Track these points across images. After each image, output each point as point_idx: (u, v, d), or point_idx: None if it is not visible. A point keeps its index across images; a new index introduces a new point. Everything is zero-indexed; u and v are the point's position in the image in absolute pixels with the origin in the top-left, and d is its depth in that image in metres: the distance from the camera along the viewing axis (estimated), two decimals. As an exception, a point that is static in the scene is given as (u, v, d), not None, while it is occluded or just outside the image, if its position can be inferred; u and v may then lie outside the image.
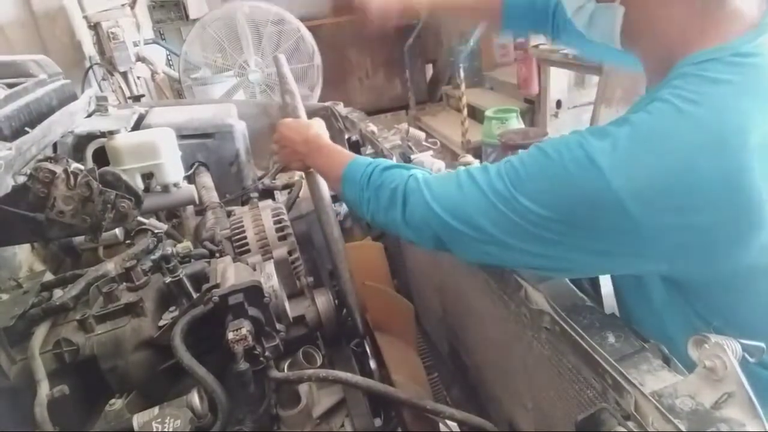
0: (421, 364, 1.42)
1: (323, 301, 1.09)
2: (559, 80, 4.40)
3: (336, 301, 1.13)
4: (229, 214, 1.39)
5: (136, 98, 3.06)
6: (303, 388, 0.94)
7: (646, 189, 0.65)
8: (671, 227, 0.66)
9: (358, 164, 0.99)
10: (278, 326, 0.89)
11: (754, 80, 0.68)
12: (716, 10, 0.71)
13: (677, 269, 0.73)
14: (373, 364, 1.16)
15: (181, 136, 1.56)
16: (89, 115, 1.51)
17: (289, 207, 1.50)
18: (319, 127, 1.19)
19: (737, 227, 0.67)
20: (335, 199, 1.33)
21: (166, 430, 0.74)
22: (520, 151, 0.81)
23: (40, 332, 0.86)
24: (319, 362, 1.01)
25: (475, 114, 5.41)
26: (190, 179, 1.59)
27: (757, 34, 0.69)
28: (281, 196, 1.70)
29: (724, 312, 0.76)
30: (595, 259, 0.73)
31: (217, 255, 1.12)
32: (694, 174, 0.64)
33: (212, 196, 1.52)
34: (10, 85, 1.21)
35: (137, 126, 1.57)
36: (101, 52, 3.24)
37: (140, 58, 3.50)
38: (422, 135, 1.49)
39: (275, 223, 1.16)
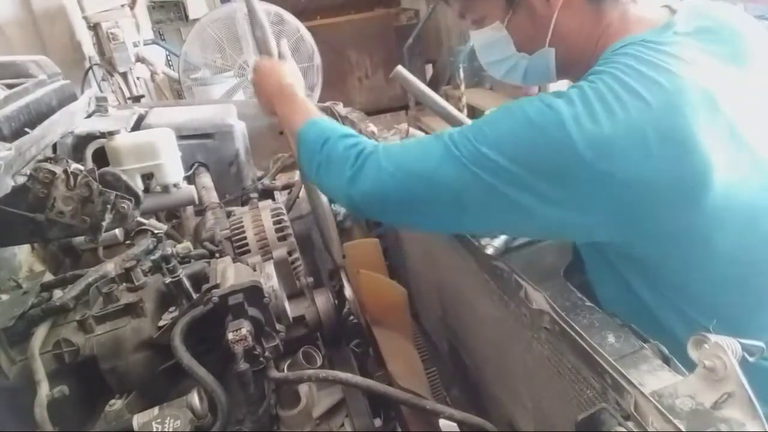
0: (417, 354, 1.42)
1: (323, 301, 1.09)
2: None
3: (336, 301, 1.13)
4: (228, 214, 1.39)
5: (136, 99, 3.06)
6: (303, 389, 0.94)
7: (599, 137, 0.68)
8: (621, 180, 0.69)
9: (316, 126, 0.97)
10: (278, 326, 0.89)
11: (677, 50, 0.74)
12: (624, 15, 0.82)
13: (629, 235, 0.76)
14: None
15: (181, 137, 1.56)
16: (89, 116, 1.51)
17: (289, 207, 1.50)
18: (293, 74, 1.17)
19: (682, 185, 0.70)
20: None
21: (166, 430, 0.74)
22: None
23: (40, 333, 0.86)
24: (319, 362, 1.01)
25: (475, 114, 5.41)
26: (190, 179, 1.59)
27: (663, 30, 0.78)
28: (281, 197, 1.70)
29: (689, 294, 0.80)
30: (550, 211, 0.74)
31: (217, 255, 1.12)
32: (640, 130, 0.68)
33: (212, 197, 1.52)
34: (10, 86, 1.21)
35: (137, 126, 1.57)
36: (101, 52, 3.24)
37: (140, 59, 3.50)
38: (422, 135, 1.49)
39: (275, 223, 1.16)
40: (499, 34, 0.88)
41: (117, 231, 1.34)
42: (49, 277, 1.08)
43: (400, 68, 1.28)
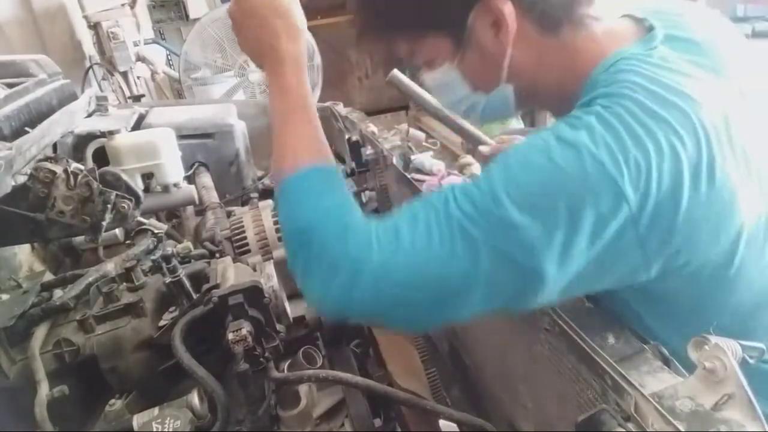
0: (417, 354, 1.42)
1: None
2: (559, 80, 4.40)
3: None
4: (229, 214, 1.39)
5: (136, 98, 3.06)
6: (303, 389, 0.94)
7: (634, 169, 0.62)
8: (664, 211, 0.64)
9: (306, 190, 0.75)
10: (278, 327, 0.89)
11: (678, 65, 0.70)
12: (592, 35, 0.75)
13: (663, 268, 0.69)
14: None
15: (181, 136, 1.56)
16: (89, 115, 1.51)
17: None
18: (297, 21, 0.89)
19: (714, 218, 0.67)
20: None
21: (166, 430, 0.74)
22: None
23: (40, 332, 0.86)
24: (319, 363, 1.01)
25: (475, 114, 5.40)
26: (190, 179, 1.59)
27: (649, 42, 0.73)
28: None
29: (700, 321, 0.70)
30: (595, 268, 0.66)
31: (217, 255, 1.12)
32: (676, 165, 0.63)
33: (212, 196, 1.52)
34: (10, 85, 1.20)
35: (137, 126, 1.57)
36: (101, 51, 3.24)
37: (140, 58, 3.50)
38: (422, 135, 1.49)
39: (275, 223, 1.16)
40: (451, 75, 0.81)
41: (117, 231, 1.34)
42: (49, 276, 1.08)
43: (395, 72, 1.25)
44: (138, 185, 1.31)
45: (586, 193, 0.62)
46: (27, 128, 1.03)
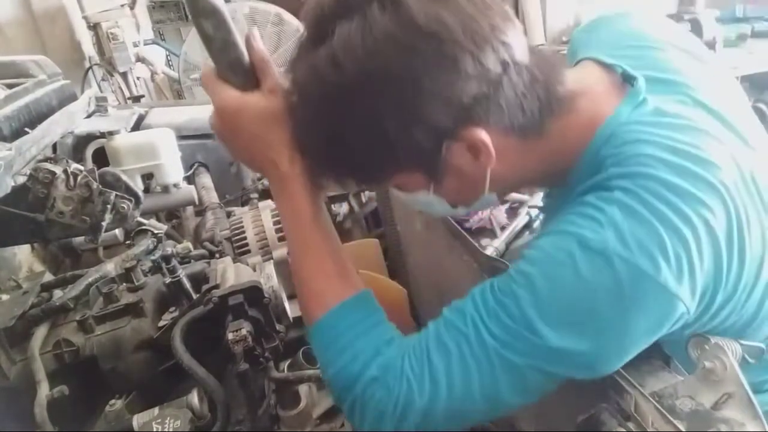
0: None
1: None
2: (558, 81, 4.39)
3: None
4: (228, 214, 1.39)
5: (136, 99, 3.06)
6: (303, 389, 0.94)
7: (675, 263, 0.58)
8: (710, 290, 0.62)
9: (336, 337, 0.72)
10: (278, 327, 0.89)
11: (679, 120, 0.66)
12: (576, 111, 0.69)
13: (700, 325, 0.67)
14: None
15: (181, 137, 1.56)
16: (89, 116, 1.51)
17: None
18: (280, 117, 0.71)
19: (744, 278, 0.64)
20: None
21: (166, 430, 0.74)
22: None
23: (40, 333, 0.86)
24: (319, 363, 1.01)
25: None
26: (190, 180, 1.59)
27: (633, 102, 0.68)
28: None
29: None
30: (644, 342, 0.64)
31: (217, 255, 1.12)
32: (705, 240, 0.60)
33: (212, 197, 1.52)
34: (10, 86, 1.21)
35: (137, 126, 1.57)
36: (101, 52, 3.24)
37: (140, 59, 3.50)
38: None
39: (275, 223, 1.16)
40: (428, 198, 0.72)
41: (117, 231, 1.34)
42: (49, 277, 1.08)
43: None
44: (138, 185, 1.31)
45: (629, 304, 0.58)
46: (27, 129, 1.03)
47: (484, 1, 0.61)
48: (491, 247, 1.00)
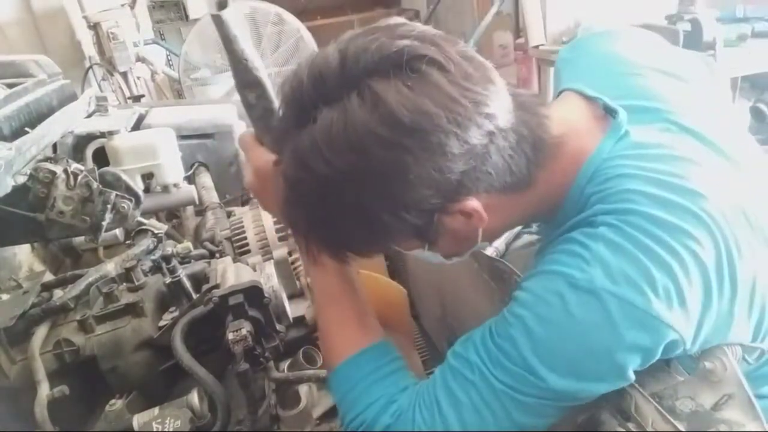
0: (417, 354, 1.41)
1: (323, 301, 1.09)
2: (558, 81, 4.39)
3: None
4: (229, 214, 1.39)
5: (136, 98, 3.06)
6: (303, 389, 0.94)
7: (664, 295, 0.59)
8: (702, 318, 0.61)
9: (353, 389, 0.74)
10: (278, 327, 0.89)
11: (661, 150, 0.67)
12: (561, 156, 0.69)
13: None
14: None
15: (181, 137, 1.56)
16: (89, 116, 1.51)
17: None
18: None
19: (743, 306, 0.64)
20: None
21: (166, 430, 0.74)
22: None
23: (40, 332, 0.86)
24: (319, 363, 1.01)
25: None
26: (190, 179, 1.59)
27: (615, 136, 0.68)
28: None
29: None
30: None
31: (217, 255, 1.13)
32: (693, 270, 0.60)
33: (212, 197, 1.52)
34: (10, 85, 1.21)
35: (137, 126, 1.57)
36: (101, 52, 3.24)
37: (140, 59, 3.50)
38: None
39: (275, 223, 1.16)
40: (421, 254, 0.74)
41: (117, 231, 1.34)
42: (49, 276, 1.08)
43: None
44: (138, 185, 1.31)
45: (622, 339, 0.59)
46: (27, 128, 1.03)
47: (465, 74, 0.59)
48: (491, 248, 1.00)
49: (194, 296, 0.91)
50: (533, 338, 0.62)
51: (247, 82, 0.71)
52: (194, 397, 0.79)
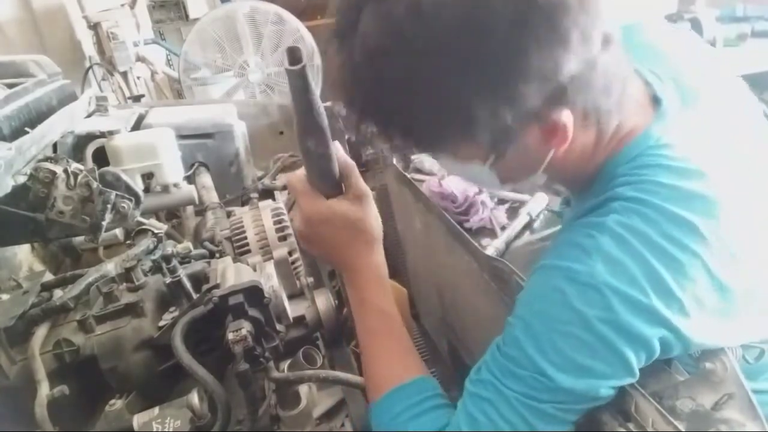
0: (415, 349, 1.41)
1: (323, 301, 1.09)
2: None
3: (336, 302, 1.13)
4: (229, 214, 1.39)
5: (136, 98, 3.06)
6: (303, 389, 0.94)
7: (663, 290, 0.59)
8: (704, 315, 0.61)
9: (392, 422, 0.73)
10: (278, 327, 0.88)
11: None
12: (611, 128, 0.68)
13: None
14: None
15: (181, 136, 1.56)
16: (89, 115, 1.51)
17: (290, 207, 1.50)
18: (370, 229, 0.80)
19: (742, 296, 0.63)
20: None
21: (166, 430, 0.74)
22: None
23: (40, 332, 0.86)
24: (319, 363, 1.01)
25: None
26: (190, 179, 1.59)
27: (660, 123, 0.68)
28: (281, 196, 1.70)
29: None
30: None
31: (217, 255, 1.12)
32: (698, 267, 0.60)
33: (212, 197, 1.52)
34: (10, 85, 1.21)
35: (137, 126, 1.57)
36: (101, 52, 3.24)
37: (140, 58, 3.50)
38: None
39: (275, 223, 1.15)
40: (478, 171, 0.70)
41: (117, 231, 1.34)
42: (49, 276, 1.08)
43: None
44: (138, 185, 1.31)
45: (625, 332, 0.59)
46: (27, 128, 1.03)
47: None
48: (491, 247, 1.00)
49: (194, 296, 0.91)
50: (536, 336, 0.62)
51: (309, 128, 0.70)
52: (194, 397, 0.79)
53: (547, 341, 0.61)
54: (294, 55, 0.64)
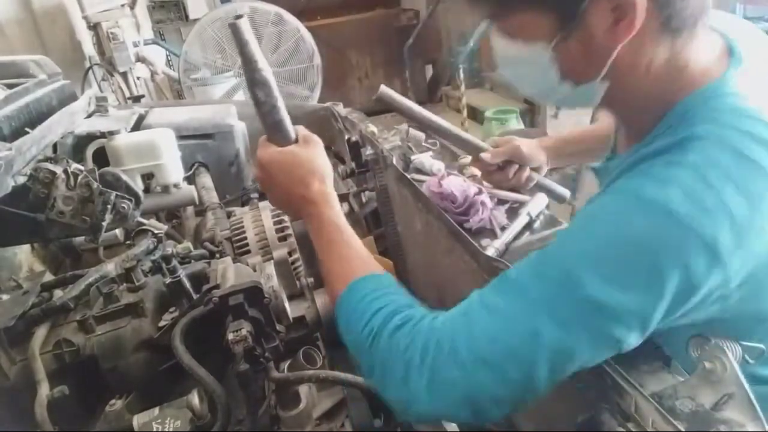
0: None
1: (323, 301, 1.09)
2: (558, 81, 4.39)
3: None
4: (229, 214, 1.39)
5: (136, 99, 3.06)
6: (303, 389, 0.94)
7: (729, 227, 0.57)
8: (757, 268, 0.60)
9: (357, 300, 0.74)
10: (278, 327, 0.89)
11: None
12: (701, 48, 0.68)
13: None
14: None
15: (181, 137, 1.56)
16: (89, 116, 1.51)
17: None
18: (317, 164, 0.85)
19: None
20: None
21: (166, 430, 0.74)
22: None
23: (41, 333, 0.86)
24: (319, 363, 1.01)
25: (475, 115, 5.41)
26: (190, 180, 1.59)
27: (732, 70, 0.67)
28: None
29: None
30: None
31: (217, 255, 1.12)
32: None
33: (212, 197, 1.52)
34: (10, 86, 1.21)
35: (137, 126, 1.57)
36: (101, 52, 3.24)
37: (140, 59, 3.51)
38: (422, 136, 1.49)
39: (275, 223, 1.16)
40: (540, 56, 0.68)
41: (117, 231, 1.34)
42: (49, 277, 1.08)
43: (383, 88, 1.14)
44: (138, 185, 1.31)
45: (677, 254, 0.57)
46: (27, 129, 1.03)
47: None
48: (491, 248, 1.00)
49: (194, 296, 0.91)
50: (583, 244, 0.61)
51: (257, 81, 0.82)
52: (194, 398, 0.79)
53: (594, 252, 0.60)
54: (237, 14, 0.81)
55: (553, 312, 0.60)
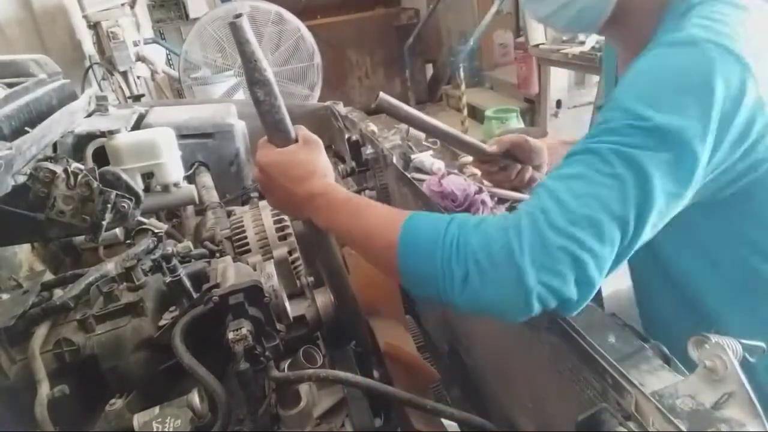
0: (412, 339, 1.41)
1: (323, 300, 1.09)
2: (559, 80, 4.40)
3: (336, 301, 1.13)
4: (229, 213, 1.39)
5: (136, 98, 3.06)
6: (303, 388, 0.94)
7: (753, 50, 0.68)
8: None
9: (422, 224, 0.72)
10: (278, 326, 0.89)
11: None
12: None
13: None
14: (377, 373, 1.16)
15: (181, 136, 1.56)
16: (89, 115, 1.51)
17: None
18: (316, 161, 0.84)
19: None
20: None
21: (166, 430, 0.74)
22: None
23: (41, 332, 0.86)
24: (319, 362, 1.01)
25: (476, 114, 5.41)
26: (190, 179, 1.59)
27: None
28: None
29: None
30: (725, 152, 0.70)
31: (218, 255, 1.12)
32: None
33: (212, 196, 1.52)
34: (10, 85, 1.21)
35: (137, 126, 1.57)
36: (101, 51, 3.24)
37: (140, 58, 3.50)
38: (422, 135, 1.49)
39: (275, 222, 1.16)
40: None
41: (117, 230, 1.34)
42: (49, 276, 1.08)
43: (382, 95, 1.12)
44: (138, 185, 1.31)
45: (715, 74, 0.66)
46: (27, 128, 1.03)
47: None
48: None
49: (194, 296, 0.91)
50: (635, 88, 0.70)
51: (257, 80, 0.81)
52: (195, 397, 0.79)
53: (644, 90, 0.69)
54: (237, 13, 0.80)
55: (623, 152, 0.66)
